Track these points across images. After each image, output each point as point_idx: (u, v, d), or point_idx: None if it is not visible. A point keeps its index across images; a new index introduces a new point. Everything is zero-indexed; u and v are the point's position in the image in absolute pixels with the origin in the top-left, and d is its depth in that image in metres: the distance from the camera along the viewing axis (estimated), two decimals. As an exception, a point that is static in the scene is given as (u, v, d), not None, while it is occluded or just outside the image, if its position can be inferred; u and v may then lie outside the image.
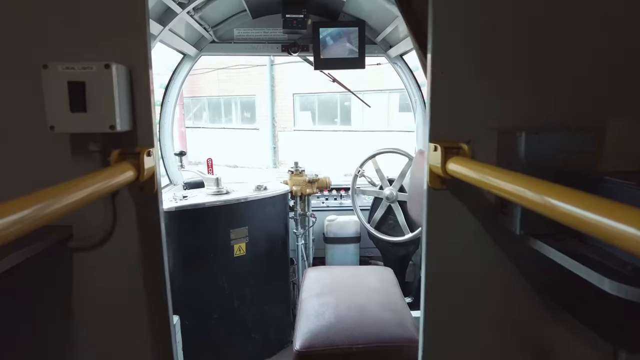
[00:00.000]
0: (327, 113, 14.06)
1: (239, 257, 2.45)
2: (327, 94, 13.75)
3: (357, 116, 13.46)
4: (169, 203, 2.26)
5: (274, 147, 14.99)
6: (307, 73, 13.91)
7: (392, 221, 2.88)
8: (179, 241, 2.30)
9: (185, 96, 16.43)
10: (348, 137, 13.58)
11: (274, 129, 14.95)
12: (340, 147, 13.70)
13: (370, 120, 13.24)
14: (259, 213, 2.52)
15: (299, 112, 14.55)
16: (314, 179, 2.82)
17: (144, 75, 1.03)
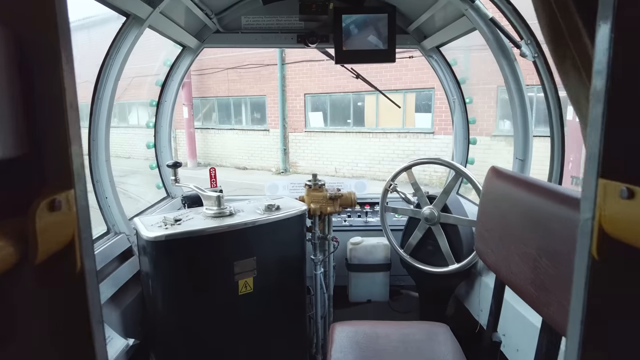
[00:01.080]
0: (339, 114, 13.55)
1: (245, 295, 1.96)
2: (340, 94, 13.25)
3: (370, 117, 12.92)
4: (156, 230, 1.78)
5: (285, 149, 14.52)
6: (320, 72, 13.44)
7: (432, 247, 2.36)
8: (168, 278, 1.83)
9: (194, 96, 16.07)
10: (361, 138, 13.06)
11: (284, 131, 14.49)
12: (354, 148, 13.19)
13: (384, 121, 12.69)
14: (270, 240, 2.03)
15: (311, 113, 14.07)
16: (336, 195, 2.31)
17: (52, 52, 0.52)
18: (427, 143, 11.98)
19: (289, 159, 14.61)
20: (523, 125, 2.08)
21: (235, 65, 15.19)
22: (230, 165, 16.09)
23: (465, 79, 2.96)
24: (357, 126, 13.16)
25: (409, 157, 12.23)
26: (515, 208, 1.22)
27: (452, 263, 2.24)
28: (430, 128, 11.95)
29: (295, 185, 3.04)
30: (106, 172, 2.06)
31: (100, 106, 1.99)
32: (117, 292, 1.92)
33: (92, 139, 2.00)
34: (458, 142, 3.02)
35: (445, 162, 2.26)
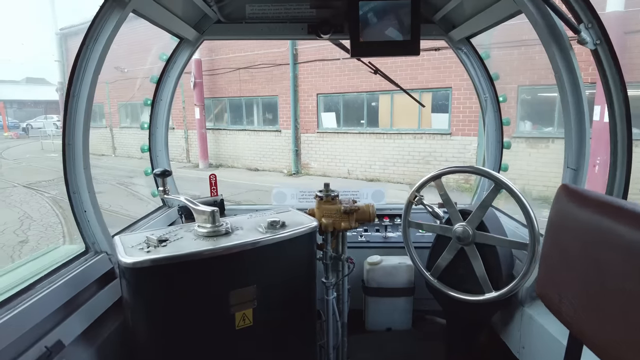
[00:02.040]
0: (352, 114, 13.20)
1: (244, 329, 1.65)
2: (353, 94, 12.91)
3: (385, 117, 12.54)
4: (136, 253, 1.48)
5: (296, 150, 14.23)
6: (332, 72, 13.11)
7: (464, 270, 2.01)
8: (151, 310, 1.52)
9: (206, 97, 15.91)
10: (375, 139, 12.69)
11: (296, 131, 14.20)
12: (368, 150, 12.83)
13: (399, 122, 12.29)
14: (274, 264, 1.71)
15: (323, 114, 13.75)
16: (351, 209, 1.98)
17: None
18: (444, 144, 11.55)
19: (301, 160, 14.32)
20: (578, 128, 1.72)
21: (247, 65, 14.98)
22: (241, 166, 15.88)
23: (498, 74, 2.61)
24: (371, 127, 12.79)
25: (424, 158, 11.83)
26: (607, 243, 0.88)
27: (489, 290, 1.89)
28: (448, 129, 11.53)
29: (305, 194, 2.72)
30: (85, 182, 1.77)
31: (76, 104, 1.69)
32: (93, 323, 1.62)
33: (68, 142, 1.71)
34: (490, 146, 2.66)
35: (483, 172, 1.91)
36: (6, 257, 6.69)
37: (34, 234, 7.80)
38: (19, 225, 8.32)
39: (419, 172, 12.01)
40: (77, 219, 1.77)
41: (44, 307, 1.42)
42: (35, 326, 1.36)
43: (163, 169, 1.81)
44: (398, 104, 12.21)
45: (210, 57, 15.88)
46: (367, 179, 12.85)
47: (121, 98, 19.12)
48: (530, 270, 1.74)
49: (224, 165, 16.37)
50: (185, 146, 17.63)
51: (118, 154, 19.94)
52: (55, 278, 1.55)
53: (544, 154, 10.11)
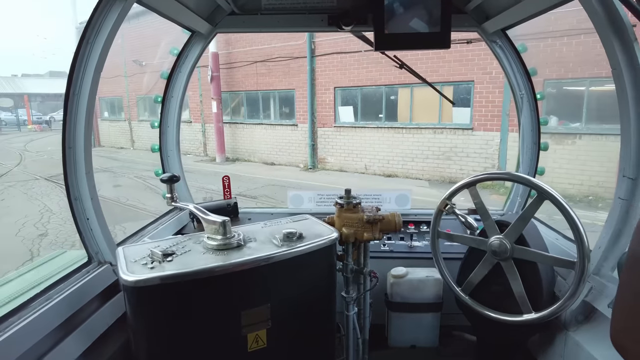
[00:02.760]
0: (370, 108, 12.93)
1: (257, 351, 1.50)
2: (371, 87, 12.63)
3: (404, 111, 12.23)
4: (139, 269, 1.34)
5: (313, 145, 14.05)
6: (351, 65, 12.83)
7: (499, 287, 1.82)
8: (155, 332, 1.38)
9: (223, 90, 15.84)
10: (394, 134, 12.40)
11: (313, 125, 14.01)
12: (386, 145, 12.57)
13: (419, 116, 11.98)
14: (290, 280, 1.56)
15: (341, 107, 13.51)
16: (375, 218, 1.80)
17: None
18: (465, 140, 11.21)
19: (317, 155, 14.15)
20: (638, 132, 1.50)
21: (264, 58, 14.83)
22: (258, 160, 15.81)
23: (535, 69, 2.38)
24: (390, 121, 12.51)
25: (445, 154, 11.51)
26: None
27: (528, 311, 1.70)
28: (469, 124, 11.18)
29: (323, 197, 2.55)
30: (87, 188, 1.64)
31: (77, 104, 1.56)
32: (94, 343, 1.50)
33: (68, 145, 1.58)
34: (525, 148, 2.43)
35: (524, 180, 1.70)
36: (25, 250, 6.75)
37: (53, 227, 7.87)
38: (39, 218, 8.40)
39: (438, 168, 11.71)
40: (79, 227, 1.65)
41: (39, 328, 1.29)
42: (28, 351, 1.23)
43: (170, 175, 1.66)
44: (418, 98, 11.88)
45: (227, 50, 15.79)
46: (385, 175, 12.60)
47: (139, 91, 19.25)
48: (578, 291, 1.54)
49: (240, 160, 16.33)
50: (203, 140, 17.65)
51: (136, 147, 20.13)
52: (53, 294, 1.43)
53: (570, 150, 9.69)
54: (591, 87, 9.57)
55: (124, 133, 21.07)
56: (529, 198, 2.51)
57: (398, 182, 11.89)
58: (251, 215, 2.64)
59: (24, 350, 1.21)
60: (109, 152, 19.78)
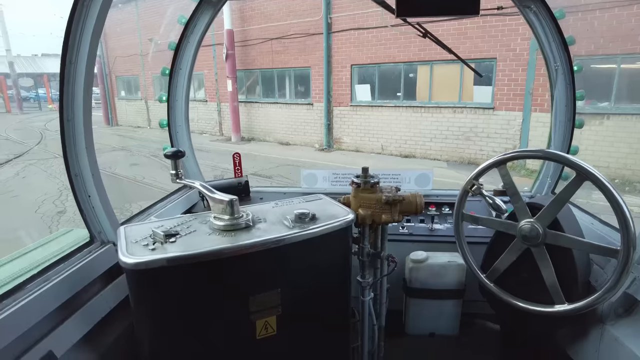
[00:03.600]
0: (388, 86, 12.59)
1: (266, 338, 1.41)
2: (389, 64, 12.26)
3: (423, 90, 11.88)
4: (139, 251, 1.24)
5: (329, 125, 13.84)
6: (368, 41, 12.45)
7: (527, 275, 1.68)
8: (158, 318, 1.29)
9: (238, 69, 15.66)
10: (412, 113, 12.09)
11: (329, 105, 13.77)
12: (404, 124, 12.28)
13: (438, 95, 11.61)
14: (302, 264, 1.45)
15: (357, 86, 13.20)
16: (394, 199, 1.66)
17: None
18: (486, 120, 10.85)
19: (333, 135, 13.95)
20: None
21: (279, 35, 14.53)
22: (273, 140, 15.71)
23: (574, 38, 2.16)
24: (408, 100, 12.18)
25: (464, 134, 11.19)
26: None
27: (561, 302, 1.55)
28: (490, 103, 10.79)
29: (338, 176, 2.42)
30: (87, 164, 1.54)
31: (74, 73, 1.45)
32: (94, 327, 1.42)
33: (67, 118, 1.48)
34: (558, 124, 2.25)
35: (561, 158, 1.53)
36: (45, 227, 6.85)
37: (71, 205, 7.96)
38: (58, 196, 8.52)
39: (457, 149, 11.41)
40: (80, 205, 1.56)
41: (35, 311, 1.22)
42: (23, 334, 1.16)
43: (175, 150, 1.55)
44: (438, 76, 11.50)
45: (242, 28, 15.52)
46: (402, 155, 12.36)
47: (155, 70, 19.21)
48: (620, 282, 1.39)
49: (255, 139, 16.26)
50: (218, 119, 17.61)
51: (153, 126, 20.24)
52: (51, 275, 1.35)
53: (597, 131, 9.28)
54: (622, 65, 9.07)
55: (140, 112, 21.17)
56: (560, 179, 2.34)
57: (415, 162, 11.65)
58: (263, 194, 2.53)
59: (18, 334, 1.14)
60: (126, 131, 19.95)
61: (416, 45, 11.34)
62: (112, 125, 22.72)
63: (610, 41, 9.03)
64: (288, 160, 12.30)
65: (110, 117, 22.86)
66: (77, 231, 2.38)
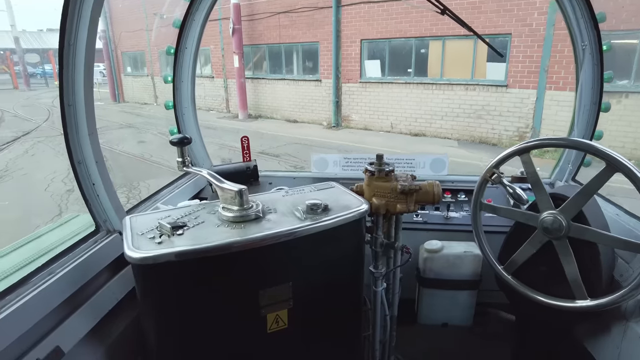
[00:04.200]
0: (399, 62, 12.29)
1: (277, 332, 1.38)
2: (400, 39, 11.93)
3: (434, 66, 11.58)
4: (145, 244, 1.19)
5: (337, 102, 13.63)
6: (379, 15, 12.09)
7: (547, 268, 1.62)
8: (164, 313, 1.26)
9: (245, 44, 15.36)
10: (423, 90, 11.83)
11: (337, 81, 13.51)
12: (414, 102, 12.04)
13: (450, 71, 11.32)
14: (314, 257, 1.39)
15: (367, 61, 12.90)
16: (410, 188, 1.59)
17: None
18: (499, 97, 10.59)
19: (341, 113, 13.75)
20: None
21: (287, 8, 14.16)
22: (280, 117, 15.55)
23: (604, 15, 2.02)
24: (419, 76, 11.90)
25: (476, 112, 10.96)
26: None
27: (583, 297, 1.49)
28: (504, 80, 10.50)
29: (350, 161, 2.34)
30: (91, 151, 1.48)
31: (74, 55, 1.37)
32: (101, 320, 1.39)
33: (67, 103, 1.41)
34: (583, 108, 2.13)
35: (593, 149, 1.43)
36: (54, 205, 6.90)
37: (80, 183, 7.99)
38: (67, 174, 8.54)
39: (469, 128, 11.20)
40: (84, 193, 1.51)
41: (40, 306, 1.18)
42: (29, 331, 1.12)
43: (181, 137, 1.48)
44: (450, 52, 11.17)
45: (249, 1, 15.14)
46: (412, 134, 12.18)
47: (161, 45, 18.95)
48: None
49: (263, 117, 16.11)
50: (225, 96, 17.43)
51: (160, 103, 20.13)
52: (56, 268, 1.31)
53: (614, 110, 8.96)
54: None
55: (147, 88, 21.03)
56: (582, 165, 2.24)
57: (425, 141, 11.48)
58: (272, 179, 2.47)
59: (23, 330, 1.11)
60: (132, 108, 19.88)
61: (428, 20, 10.98)
62: (118, 101, 22.65)
63: (634, 15, 8.65)
64: (296, 138, 12.19)
65: (116, 93, 22.75)
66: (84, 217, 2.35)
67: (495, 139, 10.80)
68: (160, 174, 8.41)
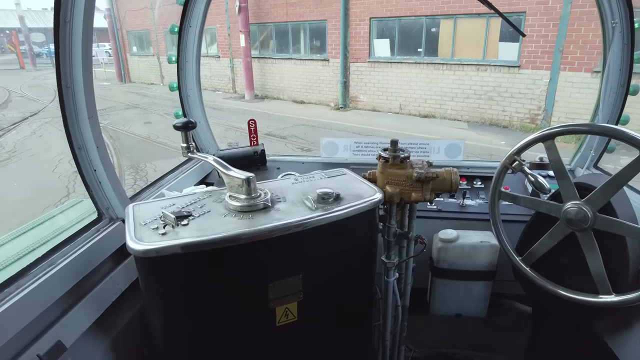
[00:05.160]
0: (409, 41, 11.98)
1: (286, 325, 1.33)
2: (411, 18, 11.60)
3: (445, 46, 11.28)
4: (148, 235, 1.13)
5: (345, 82, 13.39)
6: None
7: (568, 260, 1.54)
8: (169, 306, 1.21)
9: (251, 23, 15.06)
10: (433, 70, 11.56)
11: (345, 61, 13.24)
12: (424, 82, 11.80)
13: (462, 51, 11.03)
14: (325, 248, 1.33)
15: (376, 40, 12.60)
16: (427, 176, 1.51)
17: None
18: (511, 79, 10.32)
19: (349, 93, 13.53)
20: None
21: (294, -14, 13.81)
22: (287, 98, 15.37)
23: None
24: (429, 56, 11.61)
25: (487, 94, 10.72)
26: None
27: (607, 292, 1.42)
28: (516, 61, 10.21)
29: (360, 145, 2.26)
30: (91, 135, 1.41)
31: (70, 32, 1.29)
32: (105, 312, 1.35)
33: (65, 85, 1.34)
34: (609, 90, 2.01)
35: (624, 135, 1.33)
36: (62, 186, 6.91)
37: (87, 164, 7.98)
38: (74, 155, 8.54)
39: (479, 109, 10.98)
40: (85, 180, 1.45)
41: (41, 298, 1.14)
42: (29, 325, 1.08)
43: (185, 121, 1.40)
44: (461, 31, 10.86)
45: (255, -22, 14.80)
46: (421, 115, 11.97)
47: (166, 24, 18.66)
48: None
49: (269, 97, 15.93)
50: (231, 76, 17.22)
51: (166, 83, 19.96)
52: (57, 258, 1.26)
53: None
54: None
55: (153, 68, 20.84)
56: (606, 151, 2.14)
57: (435, 123, 11.29)
58: (280, 164, 2.39)
59: (23, 325, 1.06)
60: (139, 88, 19.76)
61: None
62: (124, 81, 22.50)
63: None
64: (302, 120, 12.05)
65: (123, 73, 22.58)
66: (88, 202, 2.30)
67: (505, 121, 10.58)
68: (167, 156, 8.36)
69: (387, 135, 1.72)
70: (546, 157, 2.18)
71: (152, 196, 1.81)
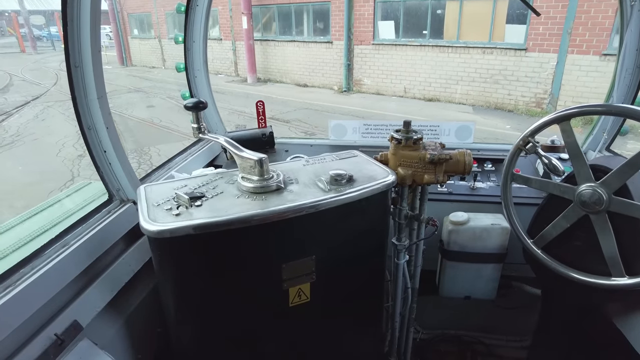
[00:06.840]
0: (414, 23, 11.78)
1: (299, 306, 1.34)
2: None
3: (451, 28, 11.09)
4: (162, 216, 1.13)
5: (349, 65, 13.23)
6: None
7: (581, 243, 1.53)
8: (184, 288, 1.21)
9: (254, 4, 14.83)
10: (438, 53, 11.40)
11: (349, 43, 13.06)
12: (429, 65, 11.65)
13: (467, 34, 10.85)
14: (338, 229, 1.33)
15: (380, 22, 12.39)
16: (440, 158, 1.49)
17: None
18: (517, 62, 10.16)
19: (353, 76, 13.39)
20: None
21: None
22: (290, 81, 15.23)
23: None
24: (435, 39, 11.43)
25: (493, 77, 10.58)
26: None
27: (620, 274, 1.42)
28: (523, 43, 10.04)
29: (370, 127, 2.23)
30: (100, 115, 1.40)
31: (78, 10, 1.26)
32: (119, 293, 1.36)
33: (74, 64, 1.31)
34: (625, 71, 1.97)
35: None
36: (66, 170, 6.92)
37: (91, 148, 7.97)
38: (77, 139, 8.53)
39: (484, 93, 10.86)
40: (95, 161, 1.44)
41: (56, 279, 1.14)
42: (44, 306, 1.08)
43: (196, 101, 1.38)
44: (467, 13, 10.66)
45: (257, -42, 14.50)
46: (426, 99, 11.86)
47: (168, 6, 18.41)
48: None
49: (272, 80, 15.78)
50: (234, 59, 17.04)
51: (168, 66, 19.81)
52: (70, 239, 1.26)
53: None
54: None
55: (155, 51, 20.63)
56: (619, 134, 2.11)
57: (440, 107, 11.18)
58: (288, 146, 2.38)
59: (40, 305, 1.07)
60: (141, 72, 19.60)
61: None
62: (126, 65, 22.31)
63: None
64: (306, 103, 11.96)
65: (124, 57, 22.37)
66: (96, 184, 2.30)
67: (511, 105, 10.48)
68: (171, 139, 8.34)
69: (392, 120, 1.70)
70: (557, 140, 2.16)
71: (162, 178, 1.80)
